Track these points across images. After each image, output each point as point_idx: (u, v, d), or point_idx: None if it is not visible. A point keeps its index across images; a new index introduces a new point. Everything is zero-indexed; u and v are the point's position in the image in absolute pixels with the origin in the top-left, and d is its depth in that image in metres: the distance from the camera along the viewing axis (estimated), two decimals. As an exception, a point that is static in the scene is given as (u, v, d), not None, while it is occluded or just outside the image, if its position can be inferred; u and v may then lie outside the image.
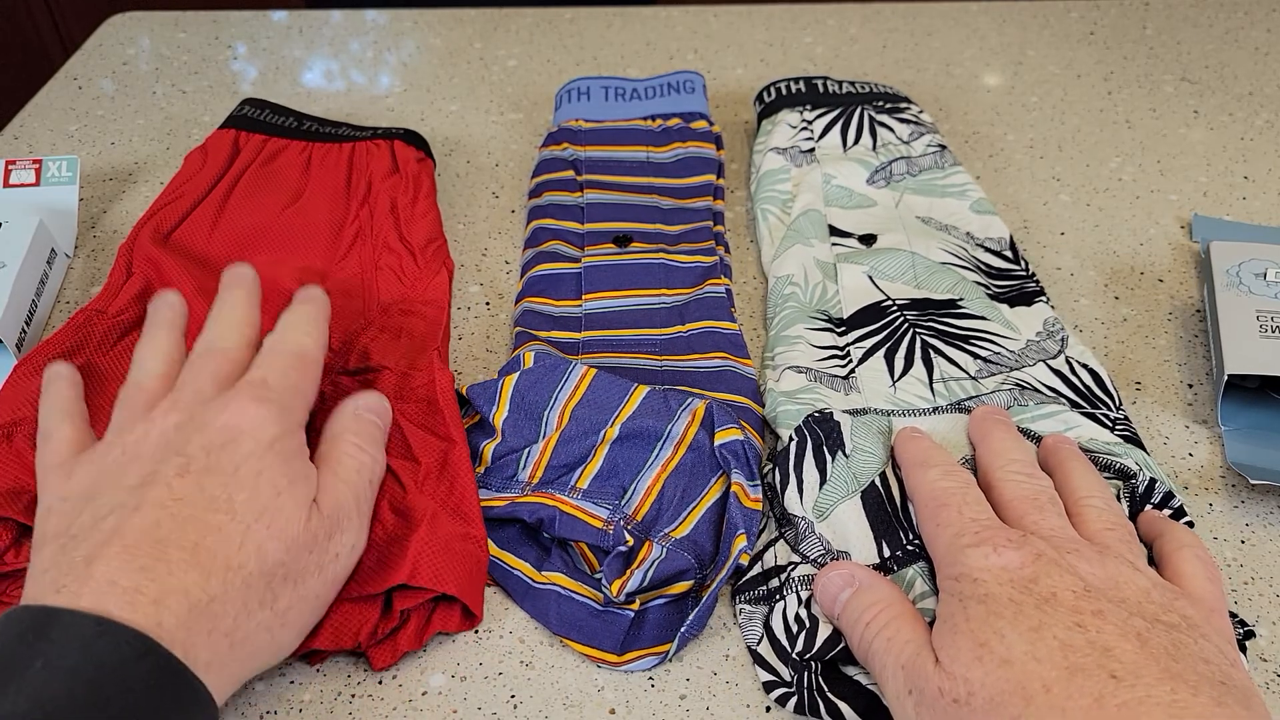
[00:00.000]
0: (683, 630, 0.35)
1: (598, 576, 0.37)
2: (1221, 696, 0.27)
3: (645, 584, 0.36)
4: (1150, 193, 0.60)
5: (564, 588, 0.37)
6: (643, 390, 0.41)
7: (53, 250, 0.53)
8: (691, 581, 0.36)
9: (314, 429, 0.39)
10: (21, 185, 0.56)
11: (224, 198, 0.55)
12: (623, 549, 0.37)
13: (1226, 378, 0.44)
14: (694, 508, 0.38)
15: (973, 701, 0.28)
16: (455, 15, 0.80)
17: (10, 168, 0.56)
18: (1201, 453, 0.44)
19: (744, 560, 0.37)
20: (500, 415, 0.41)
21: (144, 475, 0.33)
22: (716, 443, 0.39)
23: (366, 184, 0.57)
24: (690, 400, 0.41)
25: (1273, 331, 0.44)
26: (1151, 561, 0.36)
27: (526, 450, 0.41)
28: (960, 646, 0.30)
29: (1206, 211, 0.58)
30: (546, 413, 0.41)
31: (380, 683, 0.35)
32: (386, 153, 0.58)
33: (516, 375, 0.42)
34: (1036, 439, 0.41)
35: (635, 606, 0.36)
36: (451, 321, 0.51)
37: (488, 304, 0.52)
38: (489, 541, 0.39)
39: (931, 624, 0.32)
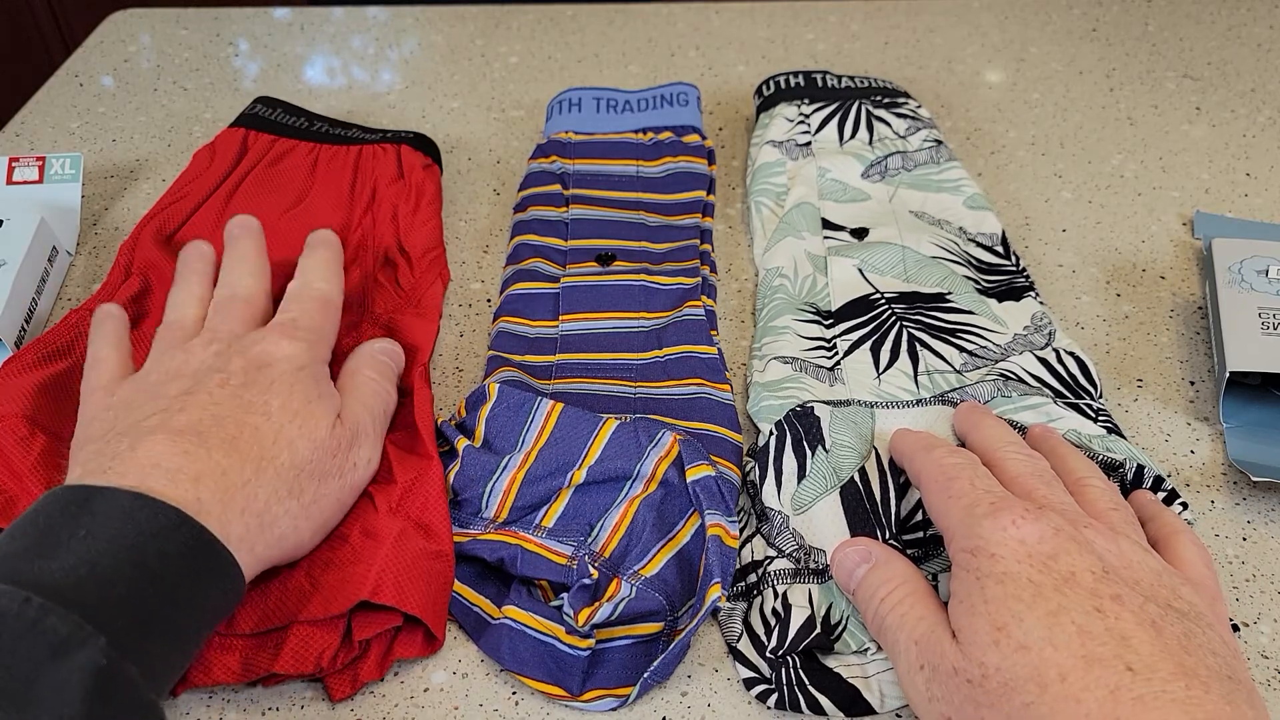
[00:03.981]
0: (646, 675, 0.34)
1: (556, 605, 0.36)
2: (1230, 694, 0.27)
3: (613, 617, 0.35)
4: (1152, 189, 0.60)
5: (516, 621, 0.36)
6: (612, 424, 0.40)
7: (54, 248, 0.53)
8: (661, 624, 0.35)
9: (332, 371, 0.42)
10: (25, 183, 0.56)
11: (228, 198, 0.55)
12: (587, 582, 0.36)
13: (1228, 375, 0.44)
14: (664, 546, 0.37)
15: (987, 684, 0.28)
16: (456, 12, 0.80)
17: (14, 165, 0.56)
18: (1203, 450, 0.44)
19: (722, 603, 0.36)
20: (468, 444, 0.41)
21: (186, 388, 0.37)
22: (688, 479, 0.38)
23: (371, 190, 0.56)
24: (661, 435, 0.39)
25: (1274, 329, 0.44)
26: None
27: (490, 486, 0.40)
28: (978, 629, 0.30)
29: (1208, 208, 0.58)
30: (512, 455, 0.40)
31: (382, 679, 0.36)
32: (393, 158, 0.57)
33: (488, 411, 0.41)
34: (1021, 430, 0.41)
35: (590, 644, 0.35)
36: (453, 318, 0.51)
37: (489, 300, 0.52)
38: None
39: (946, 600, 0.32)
